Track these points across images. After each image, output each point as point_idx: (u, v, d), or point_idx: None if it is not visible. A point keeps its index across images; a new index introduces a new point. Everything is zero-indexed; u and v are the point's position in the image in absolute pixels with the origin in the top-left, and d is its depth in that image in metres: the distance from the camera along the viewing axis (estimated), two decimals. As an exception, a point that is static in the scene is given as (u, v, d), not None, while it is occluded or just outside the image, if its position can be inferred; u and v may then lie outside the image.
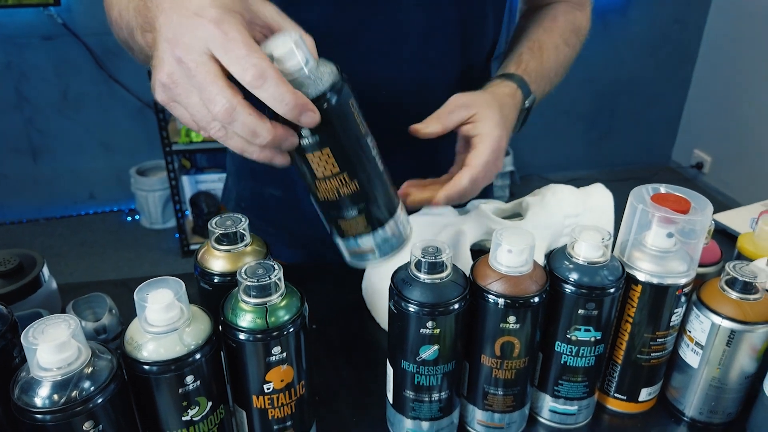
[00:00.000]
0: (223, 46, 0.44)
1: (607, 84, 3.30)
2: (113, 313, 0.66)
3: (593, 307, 0.56)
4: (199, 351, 0.47)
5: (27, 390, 0.42)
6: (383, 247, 0.57)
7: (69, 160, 2.83)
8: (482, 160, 0.66)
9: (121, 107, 2.73)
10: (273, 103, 0.45)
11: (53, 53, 2.58)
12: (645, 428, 0.64)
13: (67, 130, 2.77)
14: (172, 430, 0.49)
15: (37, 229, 2.82)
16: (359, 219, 0.54)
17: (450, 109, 0.68)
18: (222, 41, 0.44)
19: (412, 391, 0.58)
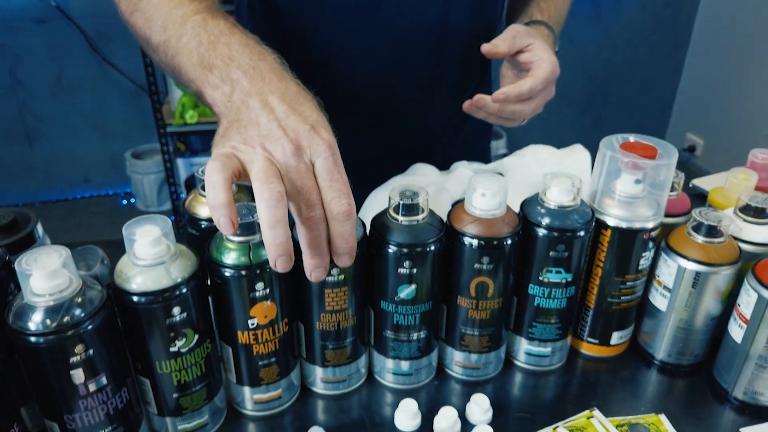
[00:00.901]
0: (330, 172, 0.47)
1: (599, 69, 3.32)
2: (105, 263, 0.68)
3: (563, 249, 0.58)
4: (185, 284, 0.50)
5: (21, 315, 0.45)
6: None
7: (64, 144, 2.84)
8: (543, 75, 0.70)
9: (115, 90, 2.74)
10: (341, 238, 0.48)
11: (47, 36, 2.59)
12: (617, 371, 0.67)
13: (62, 114, 2.77)
14: (161, 360, 0.52)
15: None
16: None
17: (513, 35, 0.72)
18: (331, 167, 0.47)
19: (392, 331, 0.60)
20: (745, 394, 0.61)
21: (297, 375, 0.62)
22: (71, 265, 0.46)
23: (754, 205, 0.63)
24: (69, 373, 0.46)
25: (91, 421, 0.49)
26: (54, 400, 0.47)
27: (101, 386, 0.48)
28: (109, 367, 0.48)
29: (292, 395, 0.62)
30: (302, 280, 0.56)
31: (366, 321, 0.62)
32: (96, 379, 0.47)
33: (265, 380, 0.58)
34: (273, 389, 0.59)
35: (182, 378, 0.53)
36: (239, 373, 0.58)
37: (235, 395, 0.60)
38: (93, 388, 0.47)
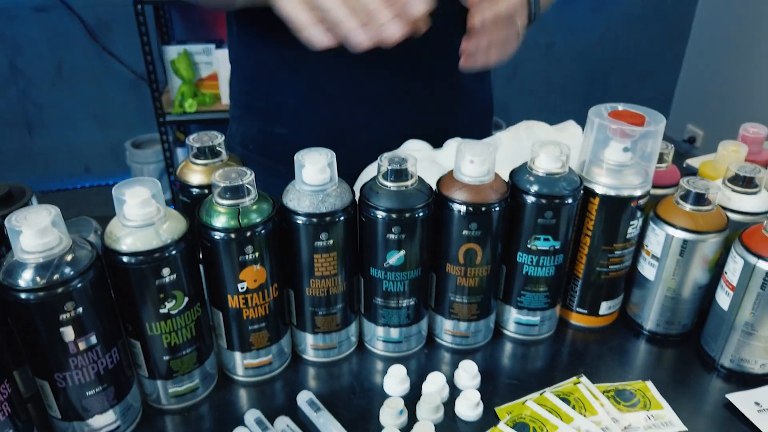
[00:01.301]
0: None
1: (600, 60, 3.31)
2: (98, 233, 0.69)
3: (551, 216, 0.59)
4: (174, 246, 0.50)
5: (11, 272, 0.45)
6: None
7: (64, 134, 2.85)
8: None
9: (114, 80, 2.75)
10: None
11: (46, 25, 2.59)
12: (605, 341, 0.68)
13: (62, 103, 2.78)
14: (151, 322, 0.52)
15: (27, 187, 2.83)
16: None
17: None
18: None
19: (381, 298, 0.61)
20: (732, 362, 0.61)
21: (288, 342, 0.63)
22: (61, 223, 0.47)
23: (742, 175, 0.64)
24: (59, 331, 0.46)
25: (82, 381, 0.49)
26: (44, 358, 0.48)
27: (91, 345, 0.49)
28: (98, 327, 0.49)
29: (282, 362, 0.63)
30: (292, 245, 0.56)
31: (356, 289, 0.62)
32: (86, 338, 0.48)
33: (255, 345, 0.59)
34: (263, 355, 0.60)
35: (172, 340, 0.54)
36: (230, 339, 0.58)
37: (226, 361, 0.61)
38: (83, 346, 0.48)
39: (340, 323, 0.62)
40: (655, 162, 0.62)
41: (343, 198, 0.56)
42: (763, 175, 0.64)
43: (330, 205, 0.55)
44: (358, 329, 0.66)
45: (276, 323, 0.59)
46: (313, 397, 0.58)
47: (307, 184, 0.55)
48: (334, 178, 0.56)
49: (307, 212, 0.55)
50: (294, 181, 0.57)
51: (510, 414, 0.56)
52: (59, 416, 0.51)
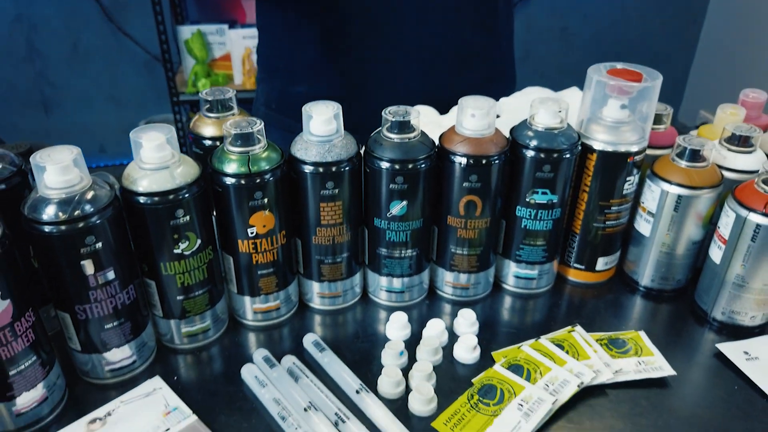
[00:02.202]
0: None
1: (612, 44, 3.29)
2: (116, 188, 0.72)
3: (549, 170, 0.61)
4: (187, 189, 0.53)
5: (35, 207, 0.48)
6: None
7: (79, 113, 2.89)
8: None
9: (129, 60, 2.78)
10: None
11: (63, 5, 2.63)
12: (602, 296, 0.70)
13: (77, 83, 2.82)
14: (165, 261, 0.55)
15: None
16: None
17: None
18: None
19: (385, 248, 0.63)
20: (723, 314, 0.63)
21: (295, 290, 0.66)
22: (82, 163, 0.50)
23: (738, 134, 0.65)
24: (79, 264, 0.49)
25: (100, 314, 0.53)
26: (66, 290, 0.51)
27: (109, 280, 0.52)
28: (116, 263, 0.52)
29: (290, 308, 0.65)
30: (300, 194, 0.59)
31: (360, 240, 0.65)
32: (104, 273, 0.51)
33: (264, 290, 0.62)
34: (272, 300, 0.63)
35: (186, 281, 0.57)
36: (240, 283, 0.61)
37: (236, 306, 0.64)
38: (101, 280, 0.51)
39: (345, 273, 0.65)
40: (652, 120, 0.64)
41: (348, 149, 0.59)
42: (759, 135, 0.65)
43: (336, 154, 0.58)
44: (363, 280, 0.68)
45: (284, 270, 0.62)
46: (318, 339, 0.61)
47: (314, 134, 0.58)
48: (340, 130, 0.59)
49: (314, 161, 0.57)
50: (302, 132, 0.59)
51: (505, 357, 0.59)
52: (79, 348, 0.54)
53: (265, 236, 0.58)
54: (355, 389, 0.55)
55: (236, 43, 2.38)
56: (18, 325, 0.48)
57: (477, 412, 0.53)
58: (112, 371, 0.56)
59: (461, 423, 0.52)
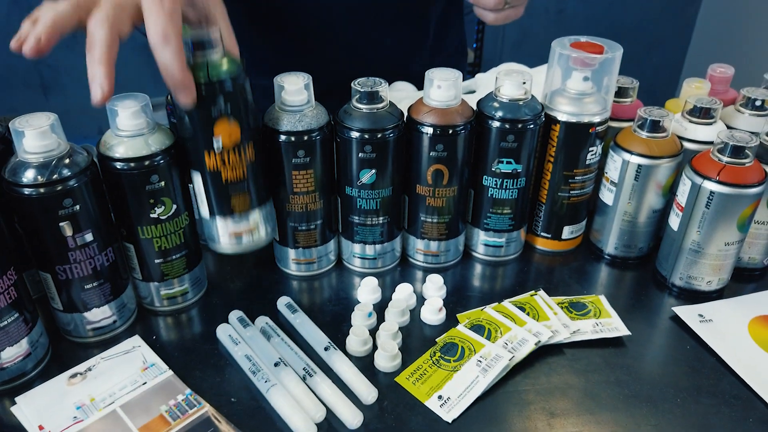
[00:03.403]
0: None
1: (609, 27, 3.28)
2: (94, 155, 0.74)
3: (513, 139, 0.63)
4: (161, 155, 0.56)
5: (15, 171, 0.51)
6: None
7: (78, 95, 2.89)
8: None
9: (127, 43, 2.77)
10: (163, 69, 0.49)
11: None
12: (567, 264, 0.72)
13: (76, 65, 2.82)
14: (143, 226, 0.58)
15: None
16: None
17: None
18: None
19: (356, 215, 0.66)
20: (681, 280, 0.66)
21: (270, 256, 0.68)
22: (59, 129, 0.52)
23: (699, 106, 0.67)
24: (58, 225, 0.52)
25: (80, 274, 0.55)
26: (46, 251, 0.54)
27: (87, 242, 0.54)
28: (94, 226, 0.54)
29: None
30: (273, 163, 0.61)
31: (333, 209, 0.67)
32: (82, 235, 0.54)
33: (237, 209, 0.58)
34: (244, 219, 0.59)
35: (163, 245, 0.59)
36: (210, 205, 0.58)
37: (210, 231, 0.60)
38: (80, 242, 0.54)
39: (319, 239, 0.67)
40: (614, 92, 0.66)
41: (319, 119, 0.61)
42: (719, 107, 0.67)
43: (306, 124, 0.60)
44: (337, 248, 0.71)
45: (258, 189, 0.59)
46: (291, 301, 0.63)
47: (286, 104, 0.60)
48: (311, 100, 0.61)
49: (286, 130, 0.60)
50: (274, 102, 0.61)
51: (469, 318, 0.62)
52: (61, 308, 0.57)
53: (233, 148, 0.55)
54: (323, 346, 0.57)
55: (231, 24, 2.39)
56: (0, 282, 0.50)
57: (438, 368, 0.56)
58: (94, 330, 0.59)
59: (423, 378, 0.55)
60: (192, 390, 0.54)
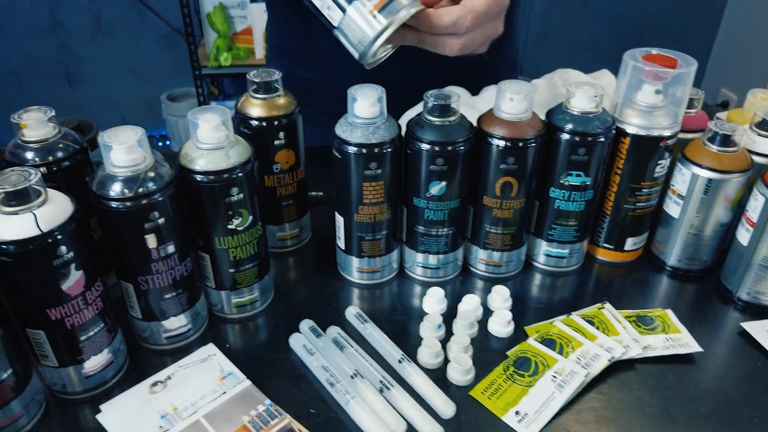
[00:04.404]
0: None
1: (633, 19, 3.25)
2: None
3: (584, 152, 0.63)
4: (241, 168, 0.56)
5: (103, 184, 0.52)
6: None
7: (102, 85, 2.93)
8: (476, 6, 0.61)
9: (150, 33, 2.80)
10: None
11: (86, -23, 2.64)
12: (629, 275, 0.72)
13: (100, 56, 2.85)
14: (219, 236, 0.59)
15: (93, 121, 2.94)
16: (380, 243, 0.66)
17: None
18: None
19: (423, 226, 0.66)
20: (749, 294, 0.66)
21: (336, 265, 0.69)
22: (145, 143, 0.53)
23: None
24: (143, 238, 0.53)
25: (160, 284, 0.56)
26: (130, 262, 0.55)
27: (169, 253, 0.55)
28: (176, 237, 0.55)
29: (330, 282, 0.69)
30: (344, 174, 0.62)
31: (399, 218, 0.68)
32: (165, 246, 0.54)
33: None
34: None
35: (237, 255, 0.60)
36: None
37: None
38: (163, 253, 0.54)
39: (384, 249, 0.68)
40: (686, 105, 0.66)
41: (391, 131, 0.61)
42: (789, 121, 0.67)
43: (380, 136, 0.60)
44: (400, 256, 0.71)
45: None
46: (360, 311, 0.64)
47: (359, 116, 0.60)
48: (384, 112, 0.61)
49: (359, 143, 0.60)
50: (346, 114, 0.62)
51: (539, 332, 0.62)
52: (140, 316, 0.58)
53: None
54: (397, 359, 0.58)
55: (258, 16, 2.38)
56: (89, 294, 0.51)
57: (513, 383, 0.56)
58: (169, 338, 0.60)
59: (498, 393, 0.55)
60: (271, 400, 0.55)
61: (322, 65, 0.95)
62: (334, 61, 0.93)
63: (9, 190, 0.46)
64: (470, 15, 0.61)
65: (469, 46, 0.65)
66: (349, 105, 0.61)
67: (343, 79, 0.96)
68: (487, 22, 0.64)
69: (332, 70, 0.94)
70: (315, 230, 0.79)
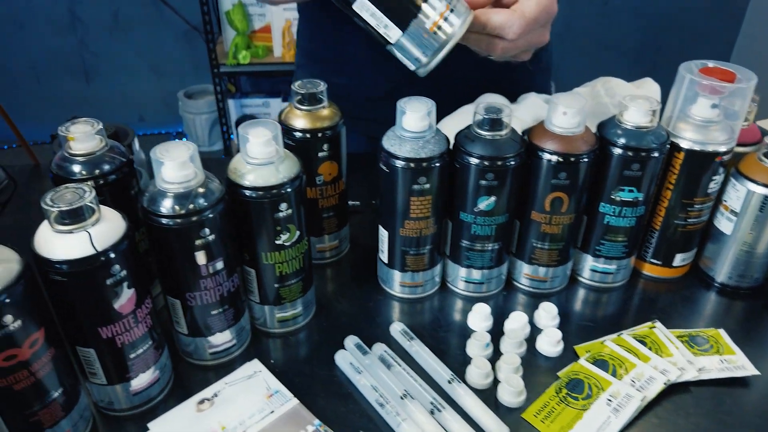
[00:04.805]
0: None
1: (654, 18, 3.21)
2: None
3: (638, 168, 0.61)
4: (290, 183, 0.55)
5: (154, 200, 0.51)
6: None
7: (119, 82, 2.93)
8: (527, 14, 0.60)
9: (168, 30, 2.79)
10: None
11: (104, -27, 2.64)
12: (677, 291, 0.71)
13: (118, 52, 2.85)
14: (266, 252, 0.57)
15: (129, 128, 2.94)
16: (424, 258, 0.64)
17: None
18: None
19: (468, 240, 0.65)
20: (803, 314, 0.64)
21: (378, 278, 0.68)
22: (197, 159, 0.52)
23: (827, 135, 0.65)
24: (193, 254, 0.52)
25: (208, 301, 0.55)
26: (179, 278, 0.54)
27: (218, 270, 0.54)
28: (224, 254, 0.54)
29: (373, 296, 0.68)
30: (390, 188, 0.60)
31: (444, 232, 0.66)
32: (214, 263, 0.53)
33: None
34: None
35: (283, 270, 0.59)
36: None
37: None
38: (212, 270, 0.54)
39: (428, 263, 0.66)
40: (742, 119, 0.64)
41: (440, 145, 0.60)
42: None
43: (429, 151, 0.59)
44: (443, 270, 0.70)
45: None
46: (405, 327, 0.63)
47: (408, 130, 0.59)
48: (433, 126, 0.60)
49: (407, 157, 0.59)
50: (394, 126, 0.60)
51: (589, 352, 0.60)
52: (186, 332, 0.57)
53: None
54: (447, 379, 0.57)
55: (277, 14, 2.37)
56: (139, 311, 0.50)
57: (566, 406, 0.55)
58: (214, 354, 0.59)
59: (551, 416, 0.54)
60: (320, 420, 0.54)
61: (354, 71, 0.94)
62: (366, 67, 0.92)
63: (64, 209, 0.45)
64: (519, 20, 0.61)
65: (512, 51, 0.64)
66: (397, 118, 0.60)
67: (375, 85, 0.96)
68: (535, 30, 0.63)
69: (364, 75, 0.93)
70: (352, 240, 0.78)
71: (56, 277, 0.45)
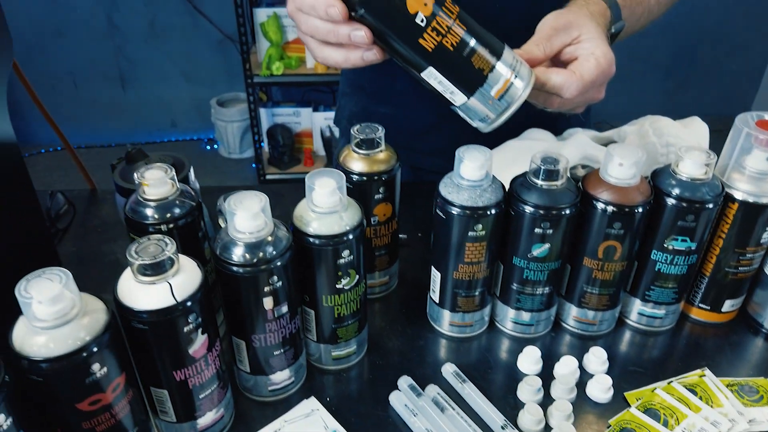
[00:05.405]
0: None
1: (688, 31, 3.18)
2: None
3: (692, 219, 0.62)
4: (353, 231, 0.57)
5: (226, 248, 0.53)
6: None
7: (154, 88, 2.98)
8: (587, 76, 0.61)
9: (203, 39, 2.84)
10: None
11: (142, -17, 2.69)
12: (725, 336, 0.71)
13: (153, 59, 2.90)
14: (326, 295, 0.59)
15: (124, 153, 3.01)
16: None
17: (548, 34, 0.63)
18: None
19: (519, 284, 0.66)
20: None
21: (429, 317, 0.69)
22: (267, 209, 0.54)
23: None
24: (261, 300, 0.54)
25: (271, 342, 0.57)
26: (245, 321, 0.56)
27: (282, 314, 0.56)
28: (289, 298, 0.56)
29: (424, 335, 0.69)
30: (446, 232, 0.62)
31: (495, 274, 0.68)
32: (279, 307, 0.55)
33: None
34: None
35: (342, 312, 0.61)
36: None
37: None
38: (277, 314, 0.56)
39: (479, 304, 0.68)
40: (797, 172, 0.64)
41: (497, 193, 0.61)
42: None
43: (486, 199, 0.60)
44: (492, 310, 0.71)
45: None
46: (457, 369, 0.64)
47: (465, 178, 0.60)
48: (490, 174, 0.61)
49: (464, 205, 0.60)
50: (452, 173, 0.62)
51: (640, 400, 0.61)
52: (248, 370, 0.60)
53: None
54: (500, 425, 0.58)
55: (311, 26, 2.40)
56: (210, 355, 0.53)
57: (619, 456, 0.56)
58: (273, 390, 0.61)
59: (604, 465, 0.55)
60: (377, 463, 0.55)
61: (399, 102, 0.96)
62: (411, 99, 0.94)
63: (148, 263, 0.47)
64: (577, 82, 0.62)
65: (568, 106, 0.66)
66: (456, 165, 0.61)
67: (419, 117, 0.97)
68: (592, 89, 0.64)
69: (409, 107, 0.95)
70: (400, 275, 0.79)
71: (138, 325, 0.48)
